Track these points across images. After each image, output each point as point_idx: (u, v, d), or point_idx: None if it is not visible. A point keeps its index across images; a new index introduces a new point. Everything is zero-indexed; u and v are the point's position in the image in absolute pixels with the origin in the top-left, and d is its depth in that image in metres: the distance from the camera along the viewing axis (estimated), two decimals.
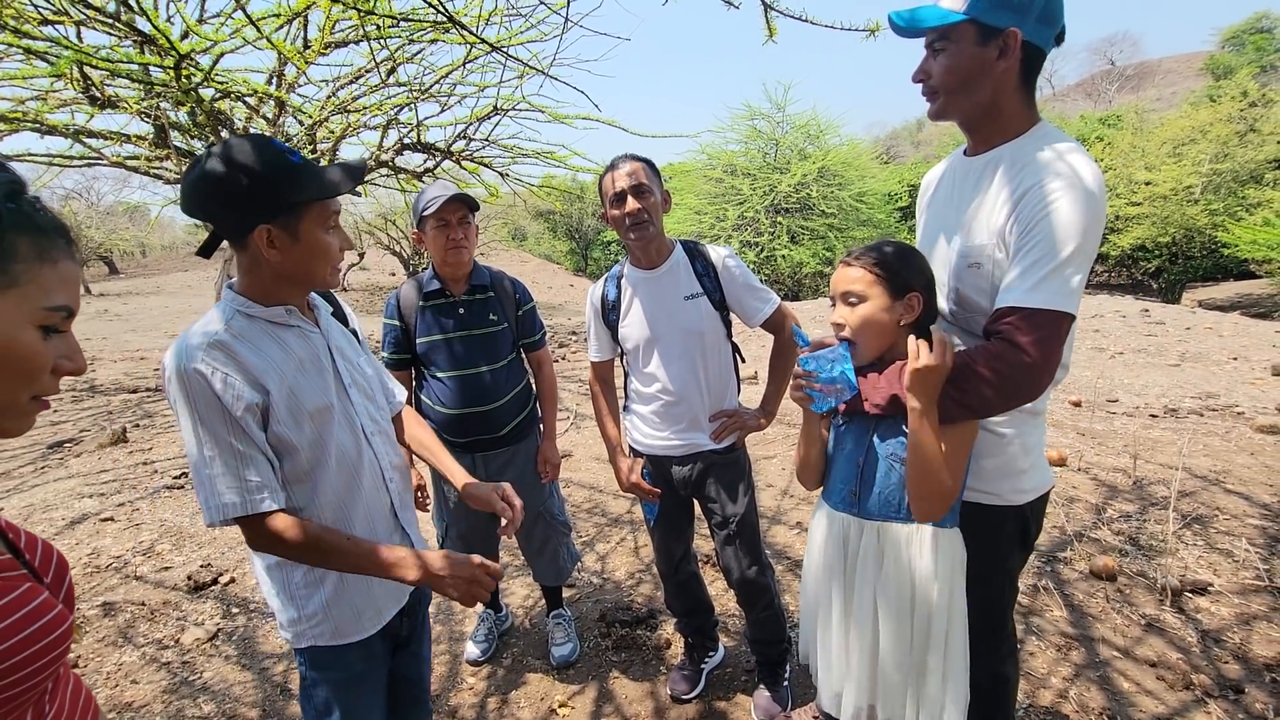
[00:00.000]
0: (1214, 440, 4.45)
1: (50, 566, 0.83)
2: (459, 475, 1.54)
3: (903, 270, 1.37)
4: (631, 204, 1.90)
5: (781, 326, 2.08)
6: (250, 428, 1.17)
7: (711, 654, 2.44)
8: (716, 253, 2.05)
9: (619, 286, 2.11)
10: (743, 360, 2.20)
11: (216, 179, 1.14)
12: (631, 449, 2.23)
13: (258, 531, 1.18)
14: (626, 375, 2.22)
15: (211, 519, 1.16)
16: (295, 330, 1.29)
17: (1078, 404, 5.37)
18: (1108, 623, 2.58)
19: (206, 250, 1.27)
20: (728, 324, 2.08)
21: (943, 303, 1.47)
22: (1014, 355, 1.21)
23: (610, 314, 2.13)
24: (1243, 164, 16.55)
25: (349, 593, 1.33)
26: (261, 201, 1.16)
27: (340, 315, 1.54)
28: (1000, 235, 1.30)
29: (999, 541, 1.47)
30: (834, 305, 1.45)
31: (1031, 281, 1.21)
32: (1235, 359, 6.97)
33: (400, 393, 1.61)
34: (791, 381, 1.46)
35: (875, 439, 1.43)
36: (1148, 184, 17.10)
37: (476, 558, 1.28)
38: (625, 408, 2.27)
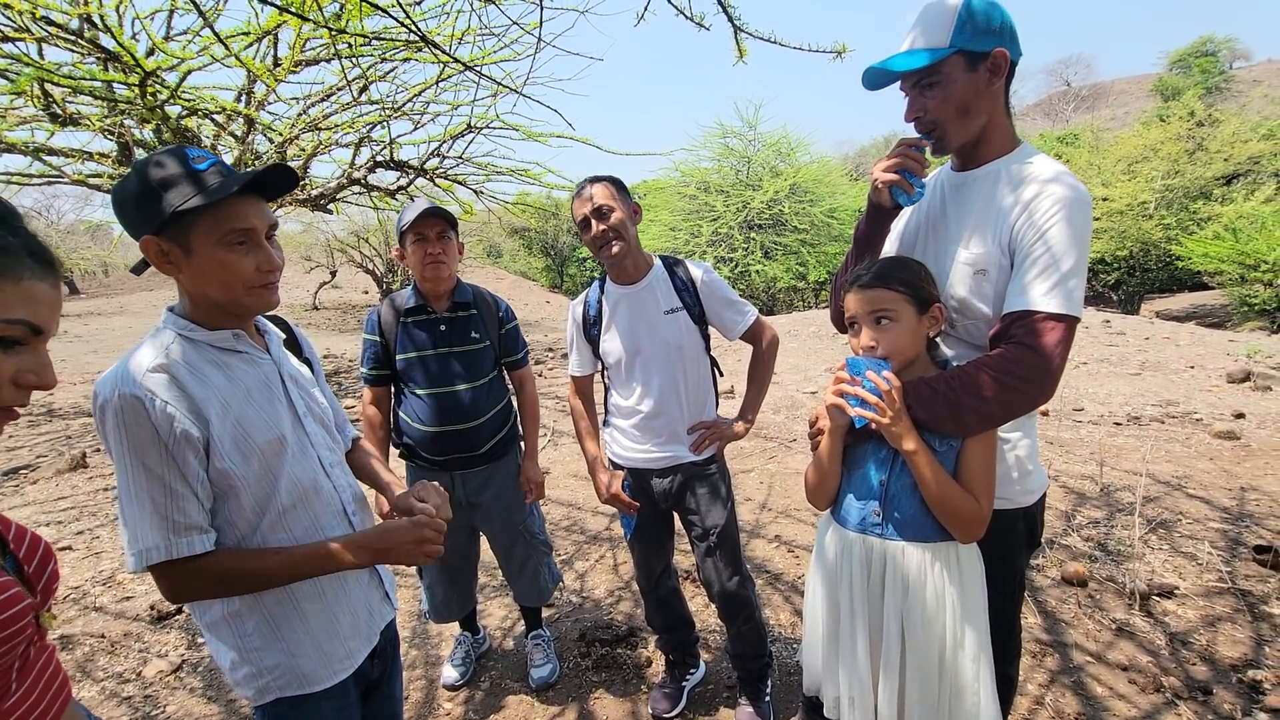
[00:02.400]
0: (1175, 446, 4.58)
1: (36, 554, 0.89)
2: (389, 490, 1.48)
3: (925, 284, 1.40)
4: (596, 227, 1.95)
5: (760, 337, 2.13)
6: (186, 463, 1.07)
7: (693, 671, 2.42)
8: (695, 268, 2.08)
9: (600, 302, 2.12)
10: (720, 374, 2.21)
11: (118, 185, 1.10)
12: (611, 462, 2.23)
13: (182, 578, 1.09)
14: (607, 390, 2.23)
15: (136, 565, 1.06)
16: (243, 356, 1.20)
17: (1045, 413, 5.50)
18: (1080, 628, 2.63)
19: (140, 267, 1.22)
20: (706, 338, 2.11)
21: None
22: (1031, 358, 1.26)
23: (592, 329, 2.14)
24: (1193, 180, 17.24)
25: (313, 636, 1.23)
26: (147, 210, 1.08)
27: (294, 344, 1.47)
28: (1004, 243, 1.36)
29: (1010, 544, 1.50)
30: (854, 328, 1.44)
31: (1044, 287, 1.27)
32: (1192, 367, 7.20)
33: (350, 430, 1.56)
34: (832, 386, 1.42)
35: (901, 458, 1.39)
36: (1105, 200, 17.68)
37: (417, 513, 1.24)
38: (605, 421, 2.27)
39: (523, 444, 2.45)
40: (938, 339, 1.48)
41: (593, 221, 1.95)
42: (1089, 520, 3.51)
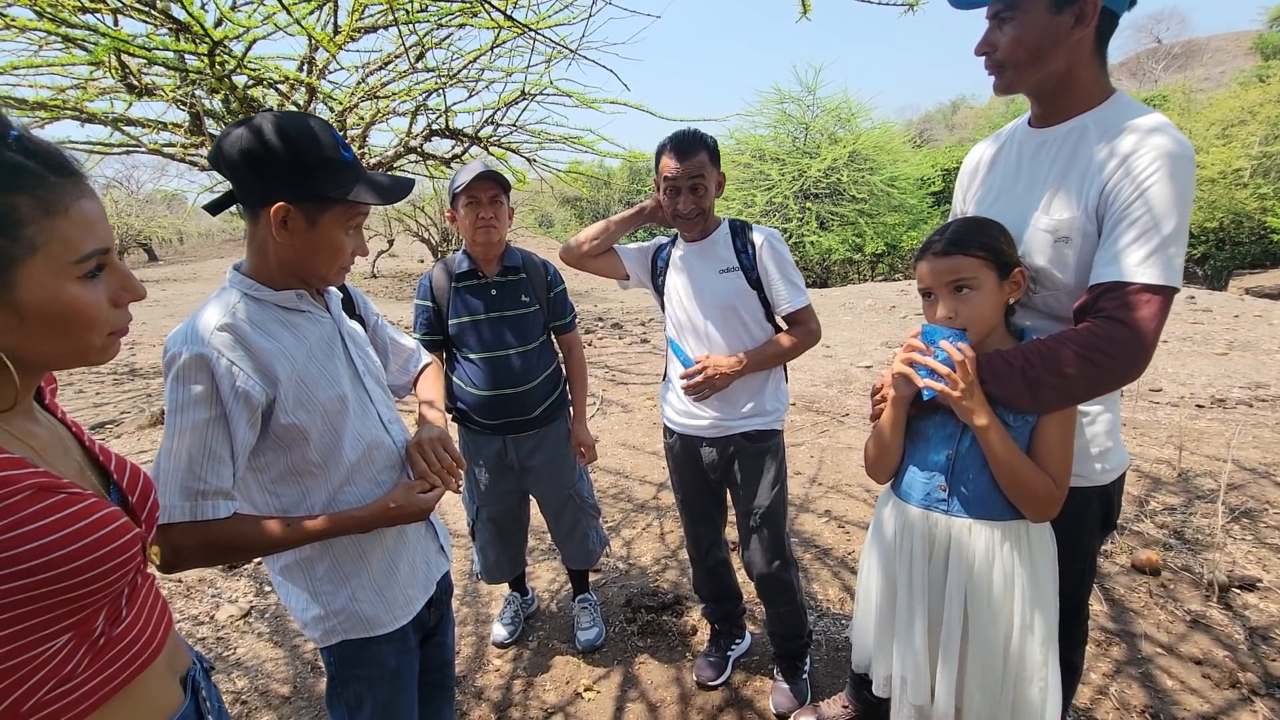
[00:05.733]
0: (1264, 432, 4.27)
1: (138, 485, 0.91)
2: (427, 426, 1.44)
3: (1005, 247, 1.30)
4: (685, 202, 1.89)
5: (803, 324, 2.01)
6: (238, 425, 1.08)
7: (738, 641, 2.41)
8: (759, 232, 1.99)
9: (669, 255, 2.09)
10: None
11: (258, 140, 1.08)
12: (665, 427, 2.21)
13: (191, 539, 1.07)
14: (667, 354, 2.19)
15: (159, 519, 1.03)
16: (306, 315, 1.23)
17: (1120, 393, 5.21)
18: (1150, 618, 2.50)
19: (215, 207, 1.22)
20: (767, 305, 2.01)
21: None
22: (1123, 334, 1.16)
23: (657, 278, 2.12)
24: None
25: (375, 582, 1.29)
26: (293, 179, 1.10)
27: (348, 305, 1.51)
28: (1092, 208, 1.24)
29: (1083, 524, 1.42)
30: (930, 297, 1.35)
31: (1140, 255, 1.16)
32: None
33: (424, 355, 1.66)
34: (901, 356, 1.34)
35: (969, 430, 1.32)
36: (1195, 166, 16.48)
37: (415, 476, 1.31)
38: (665, 381, 2.22)
39: (571, 409, 2.45)
40: (1015, 306, 1.39)
41: (684, 193, 1.88)
42: (1164, 506, 3.32)
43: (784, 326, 2.06)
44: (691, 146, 1.87)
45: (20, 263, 0.69)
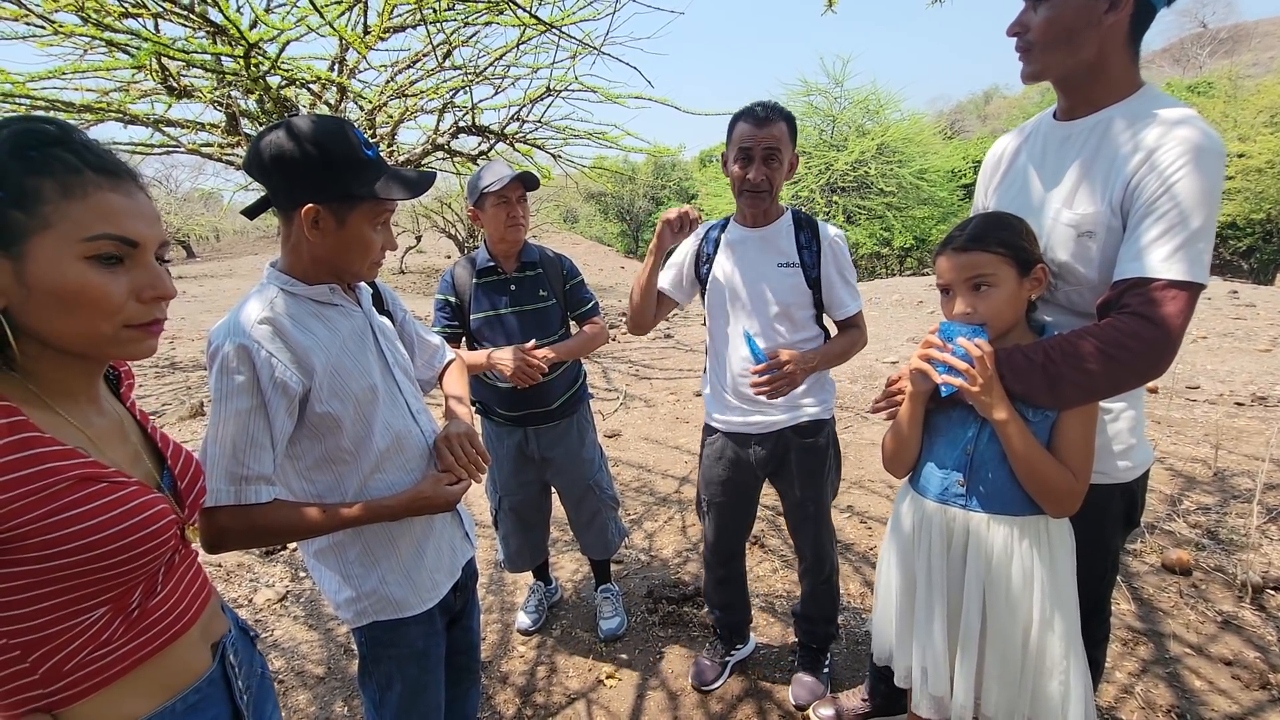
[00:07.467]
0: None
1: (189, 471, 0.99)
2: (454, 419, 1.49)
3: (1026, 243, 1.29)
4: (757, 172, 1.80)
5: (856, 328, 2.01)
6: (277, 413, 1.14)
7: (739, 646, 2.38)
8: (827, 229, 1.92)
9: (719, 241, 2.03)
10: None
11: (285, 144, 1.14)
12: (707, 426, 2.18)
13: (235, 521, 1.13)
14: (708, 351, 2.16)
15: (206, 503, 1.10)
16: (338, 309, 1.28)
17: (1154, 390, 5.08)
18: (1180, 618, 2.46)
19: (252, 211, 1.28)
20: (820, 307, 1.96)
21: None
22: (1147, 330, 1.14)
23: (703, 266, 2.06)
24: None
25: (404, 566, 1.35)
26: (320, 181, 1.16)
27: (378, 299, 1.56)
28: (1116, 202, 1.23)
29: (1104, 521, 1.41)
30: (949, 294, 1.35)
31: (1166, 250, 1.15)
32: None
33: (449, 351, 1.70)
34: (919, 352, 1.34)
35: (988, 426, 1.32)
36: (1241, 156, 15.89)
37: (442, 468, 1.35)
38: (705, 380, 2.18)
39: (586, 406, 2.46)
40: (1036, 302, 1.38)
41: (758, 162, 1.79)
42: (1197, 506, 3.25)
43: (829, 331, 2.04)
44: (770, 115, 1.80)
45: (34, 234, 0.74)
